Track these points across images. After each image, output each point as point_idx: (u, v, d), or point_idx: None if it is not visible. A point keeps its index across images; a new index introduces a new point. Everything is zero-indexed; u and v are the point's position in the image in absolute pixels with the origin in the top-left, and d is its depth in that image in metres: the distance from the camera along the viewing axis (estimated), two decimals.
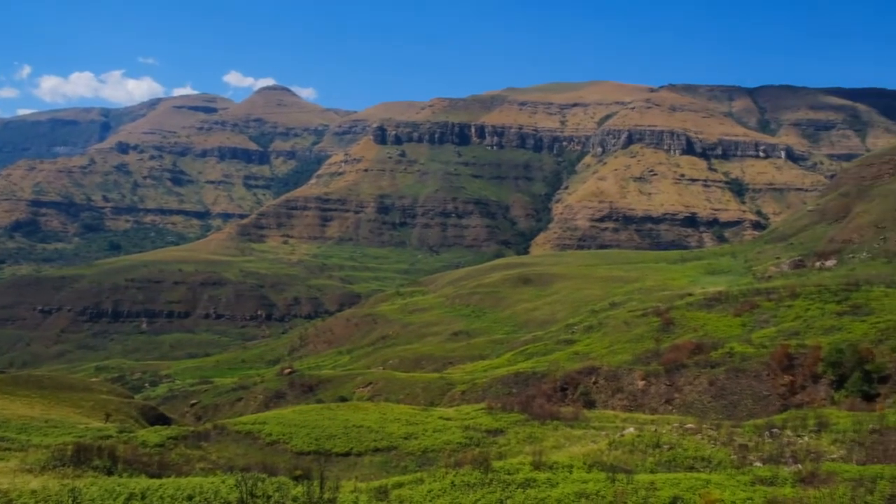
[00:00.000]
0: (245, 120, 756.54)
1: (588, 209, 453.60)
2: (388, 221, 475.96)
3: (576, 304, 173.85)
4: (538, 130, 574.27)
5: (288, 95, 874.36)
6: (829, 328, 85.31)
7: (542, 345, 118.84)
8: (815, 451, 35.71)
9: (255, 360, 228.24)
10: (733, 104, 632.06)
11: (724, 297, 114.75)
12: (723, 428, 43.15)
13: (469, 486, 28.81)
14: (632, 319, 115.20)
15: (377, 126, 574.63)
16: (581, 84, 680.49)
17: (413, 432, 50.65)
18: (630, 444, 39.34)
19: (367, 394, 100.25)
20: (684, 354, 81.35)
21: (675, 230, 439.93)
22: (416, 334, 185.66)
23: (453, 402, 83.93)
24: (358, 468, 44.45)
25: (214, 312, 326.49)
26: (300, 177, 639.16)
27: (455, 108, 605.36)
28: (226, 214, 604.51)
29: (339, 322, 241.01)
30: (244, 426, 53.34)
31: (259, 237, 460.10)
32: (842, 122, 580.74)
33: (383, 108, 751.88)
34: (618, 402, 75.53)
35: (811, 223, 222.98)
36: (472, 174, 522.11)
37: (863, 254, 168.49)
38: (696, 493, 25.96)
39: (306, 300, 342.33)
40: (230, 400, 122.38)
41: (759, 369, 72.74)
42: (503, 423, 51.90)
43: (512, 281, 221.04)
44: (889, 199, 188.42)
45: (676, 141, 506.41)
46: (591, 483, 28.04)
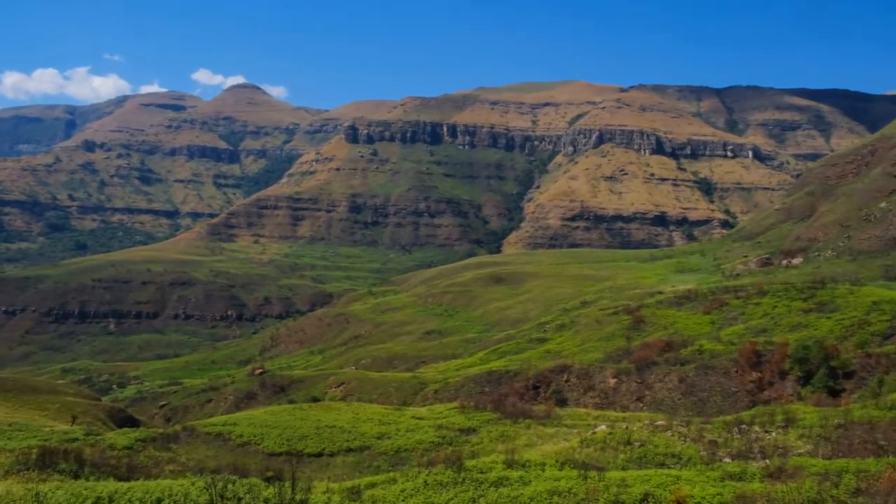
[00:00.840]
0: (215, 118, 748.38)
1: (559, 208, 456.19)
2: (360, 221, 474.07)
3: (548, 303, 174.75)
4: (510, 130, 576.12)
5: (258, 94, 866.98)
6: (795, 325, 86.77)
7: (514, 343, 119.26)
8: (782, 446, 36.27)
9: (225, 361, 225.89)
10: (702, 104, 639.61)
11: (693, 295, 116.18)
12: (693, 424, 43.65)
13: (442, 485, 28.78)
14: (603, 318, 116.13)
15: (349, 125, 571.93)
16: (552, 84, 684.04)
17: (386, 432, 50.51)
18: (602, 441, 39.63)
19: (339, 394, 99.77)
20: (655, 352, 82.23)
21: (645, 229, 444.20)
22: (388, 334, 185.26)
23: (426, 401, 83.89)
24: (330, 468, 44.21)
25: (184, 313, 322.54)
26: (271, 176, 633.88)
27: (427, 107, 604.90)
28: (195, 214, 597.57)
29: (311, 322, 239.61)
30: (214, 427, 52.78)
31: (229, 237, 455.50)
32: (807, 123, 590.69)
33: (355, 106, 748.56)
34: (589, 399, 76.08)
35: (778, 222, 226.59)
36: (444, 173, 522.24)
37: (828, 252, 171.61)
38: (667, 489, 26.22)
39: (277, 300, 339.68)
40: (200, 401, 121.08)
41: (728, 366, 73.75)
42: (476, 421, 51.98)
43: (484, 280, 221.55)
44: (853, 199, 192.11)
45: (646, 141, 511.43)
46: (564, 481, 28.18)
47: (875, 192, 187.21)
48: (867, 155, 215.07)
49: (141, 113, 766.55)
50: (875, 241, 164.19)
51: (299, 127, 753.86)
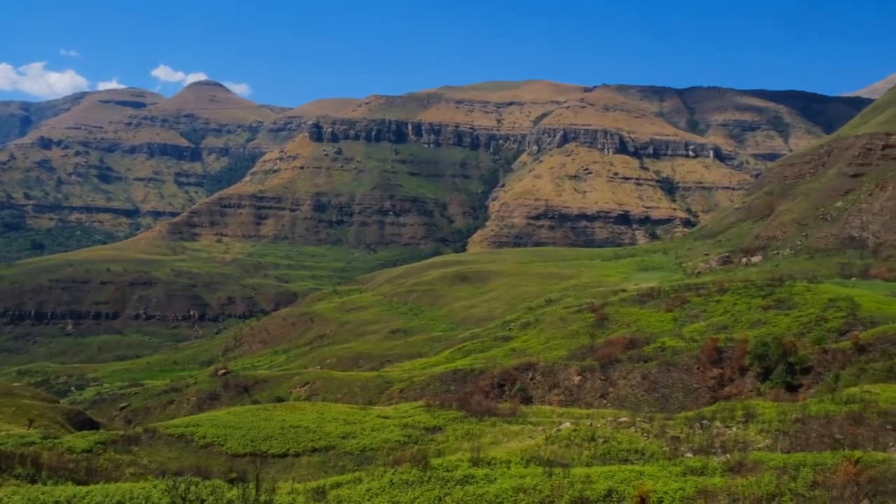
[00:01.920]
0: (176, 115, 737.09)
1: (524, 207, 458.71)
2: (324, 219, 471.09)
3: (512, 301, 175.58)
4: (475, 129, 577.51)
5: (220, 91, 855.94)
6: (755, 322, 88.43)
7: (479, 342, 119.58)
8: (742, 441, 36.91)
9: (187, 362, 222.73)
10: (664, 104, 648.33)
11: (656, 293, 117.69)
12: (655, 421, 44.22)
13: (408, 484, 28.72)
14: (567, 316, 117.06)
15: (313, 123, 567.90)
16: (517, 83, 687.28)
17: (351, 431, 50.26)
18: (566, 438, 39.92)
19: (304, 393, 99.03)
20: (618, 349, 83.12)
21: (609, 228, 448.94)
22: (353, 333, 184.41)
23: (391, 400, 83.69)
24: (295, 469, 43.85)
25: (145, 313, 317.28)
26: (234, 174, 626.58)
27: (392, 105, 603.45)
28: (156, 212, 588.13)
29: (275, 321, 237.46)
30: (177, 429, 51.99)
31: (191, 236, 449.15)
32: (766, 123, 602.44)
33: (319, 104, 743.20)
34: (554, 397, 76.59)
35: (738, 221, 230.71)
36: (409, 172, 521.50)
37: (786, 250, 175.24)
38: (630, 484, 26.48)
39: (241, 299, 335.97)
40: (162, 402, 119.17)
41: (690, 363, 74.87)
42: (441, 420, 51.99)
43: (449, 279, 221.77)
44: (810, 198, 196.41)
45: (610, 140, 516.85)
46: (529, 478, 28.31)
47: (831, 191, 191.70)
48: (824, 155, 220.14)
49: (99, 110, 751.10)
50: (831, 239, 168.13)
51: (263, 125, 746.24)
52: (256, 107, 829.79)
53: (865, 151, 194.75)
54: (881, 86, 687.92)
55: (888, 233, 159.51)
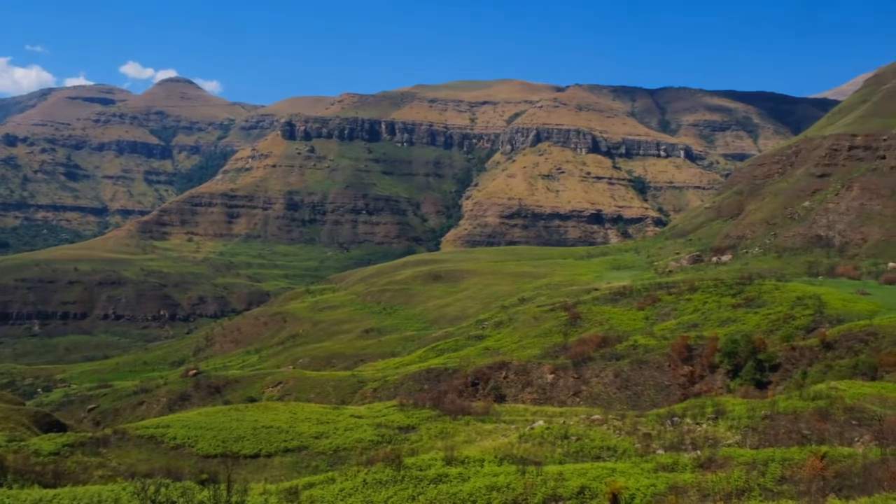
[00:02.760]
0: (145, 113, 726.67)
1: (497, 206, 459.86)
2: (297, 218, 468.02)
3: (486, 300, 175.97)
4: (448, 128, 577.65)
5: (191, 88, 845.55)
6: (724, 320, 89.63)
7: (453, 341, 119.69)
8: (712, 437, 37.37)
9: (157, 362, 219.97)
10: (635, 104, 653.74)
11: (628, 291, 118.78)
12: (627, 418, 44.60)
13: (381, 483, 28.67)
14: (540, 314, 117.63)
15: (285, 121, 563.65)
16: (490, 82, 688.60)
17: (324, 431, 50.04)
18: (539, 436, 40.11)
19: (276, 394, 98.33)
20: (591, 348, 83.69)
21: (581, 227, 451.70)
22: (326, 332, 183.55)
23: (365, 399, 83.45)
24: (268, 469, 43.54)
25: (114, 313, 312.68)
26: (205, 172, 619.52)
27: (365, 103, 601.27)
28: (125, 211, 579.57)
29: (247, 321, 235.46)
30: (146, 430, 51.37)
31: (161, 234, 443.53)
32: (735, 124, 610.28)
33: (291, 102, 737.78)
34: (528, 395, 76.89)
35: (708, 220, 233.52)
36: (382, 171, 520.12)
37: (755, 249, 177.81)
38: (603, 481, 26.68)
39: (212, 299, 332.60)
40: (131, 404, 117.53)
41: (661, 361, 75.65)
42: (415, 419, 51.96)
43: (423, 278, 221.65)
44: (778, 198, 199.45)
45: (582, 140, 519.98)
46: (502, 476, 28.39)
47: (799, 191, 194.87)
48: (792, 156, 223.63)
49: (67, 106, 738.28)
50: (799, 238, 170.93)
51: (234, 123, 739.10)
52: (228, 104, 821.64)
53: (832, 152, 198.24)
54: (847, 87, 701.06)
55: (854, 232, 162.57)
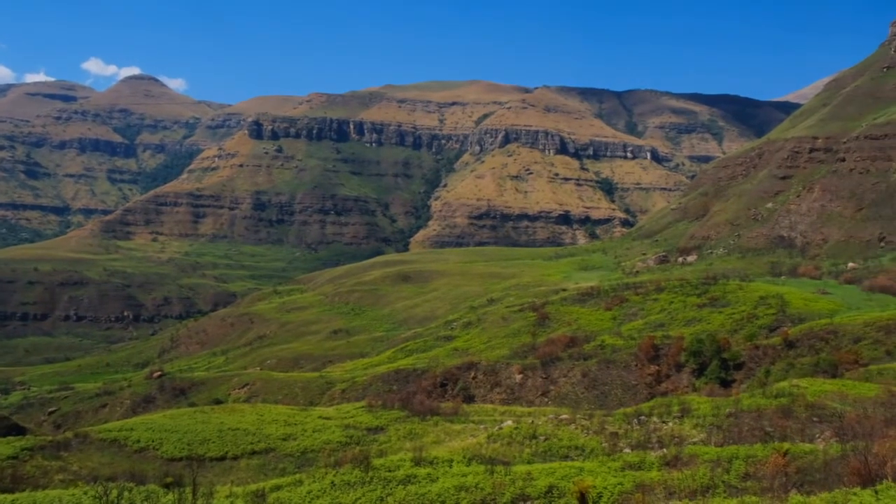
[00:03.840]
0: (109, 110, 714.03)
1: (466, 207, 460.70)
2: (264, 218, 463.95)
3: (455, 301, 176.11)
4: (417, 128, 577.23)
5: (156, 86, 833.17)
6: (690, 320, 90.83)
7: (421, 341, 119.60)
8: (678, 435, 37.80)
9: (121, 364, 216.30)
10: (603, 106, 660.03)
11: (595, 291, 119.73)
12: (595, 417, 44.93)
13: (349, 485, 28.49)
14: (509, 315, 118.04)
15: (253, 120, 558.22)
16: (459, 83, 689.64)
17: (292, 433, 49.63)
18: (508, 436, 40.21)
19: (243, 395, 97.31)
20: (559, 348, 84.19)
21: (550, 227, 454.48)
22: (294, 333, 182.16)
23: (333, 401, 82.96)
24: (234, 472, 43.03)
25: (75, 314, 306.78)
26: (170, 171, 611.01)
27: (333, 103, 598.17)
28: (88, 210, 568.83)
29: (214, 322, 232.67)
30: (109, 433, 50.44)
31: (125, 234, 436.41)
32: (701, 126, 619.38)
33: (259, 101, 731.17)
34: (496, 395, 77.11)
35: (674, 221, 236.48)
36: (350, 171, 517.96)
37: (720, 249, 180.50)
38: (571, 480, 26.80)
39: (177, 300, 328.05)
40: (94, 406, 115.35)
41: (628, 360, 76.38)
42: (384, 420, 51.78)
43: (391, 278, 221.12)
44: (742, 199, 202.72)
45: (551, 141, 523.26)
46: (471, 476, 28.39)
47: (762, 192, 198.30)
48: (755, 158, 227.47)
49: (27, 103, 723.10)
50: (762, 239, 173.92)
51: (200, 121, 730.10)
52: (194, 103, 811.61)
53: (794, 154, 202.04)
54: (808, 91, 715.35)
55: (815, 233, 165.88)
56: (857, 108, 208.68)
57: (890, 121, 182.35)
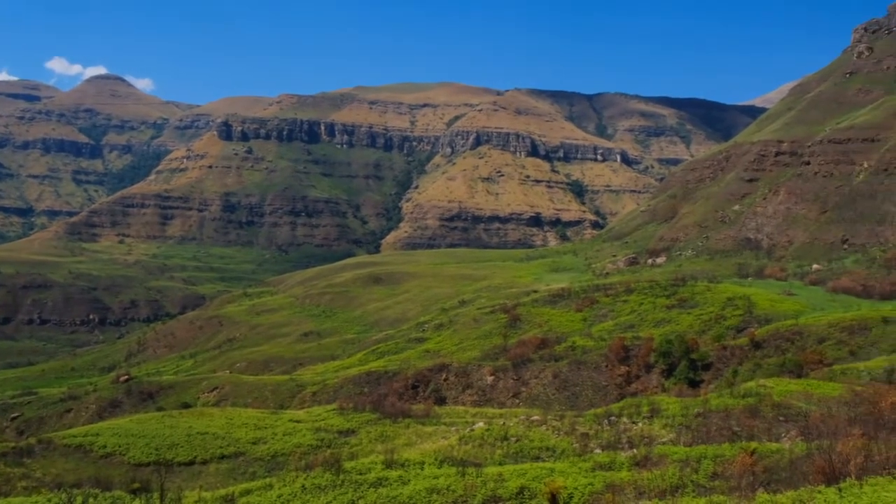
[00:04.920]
0: (74, 110, 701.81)
1: (438, 209, 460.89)
2: (233, 220, 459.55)
3: (426, 303, 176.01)
4: (388, 130, 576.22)
5: (122, 85, 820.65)
6: (659, 321, 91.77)
7: (393, 343, 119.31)
8: (648, 435, 38.12)
9: (86, 368, 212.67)
10: (573, 109, 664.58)
11: (566, 293, 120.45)
12: (566, 418, 45.15)
13: (320, 488, 28.29)
14: (481, 316, 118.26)
15: (222, 121, 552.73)
16: (430, 85, 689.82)
17: (262, 437, 49.17)
18: (480, 438, 40.23)
19: (212, 399, 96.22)
20: (530, 349, 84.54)
21: (521, 229, 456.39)
22: (264, 336, 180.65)
23: (304, 403, 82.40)
24: (203, 477, 42.52)
25: (39, 318, 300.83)
26: (137, 172, 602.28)
27: (304, 104, 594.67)
28: (52, 212, 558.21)
29: (182, 325, 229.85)
30: (74, 439, 49.54)
31: (91, 236, 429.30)
32: (669, 130, 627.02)
33: (228, 102, 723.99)
34: (468, 397, 77.18)
35: (643, 223, 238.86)
36: (321, 173, 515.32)
37: (688, 251, 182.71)
38: (542, 481, 26.88)
39: (145, 303, 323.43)
40: (58, 412, 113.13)
41: (599, 361, 76.94)
42: (355, 423, 51.54)
43: (363, 280, 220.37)
44: (710, 202, 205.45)
45: (522, 143, 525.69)
46: (442, 478, 28.35)
47: (729, 195, 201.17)
48: (722, 161, 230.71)
49: None
50: (729, 241, 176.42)
51: (168, 122, 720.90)
52: (162, 103, 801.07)
53: (760, 158, 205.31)
54: (774, 95, 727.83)
55: (780, 235, 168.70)
56: (820, 113, 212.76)
57: (853, 125, 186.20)
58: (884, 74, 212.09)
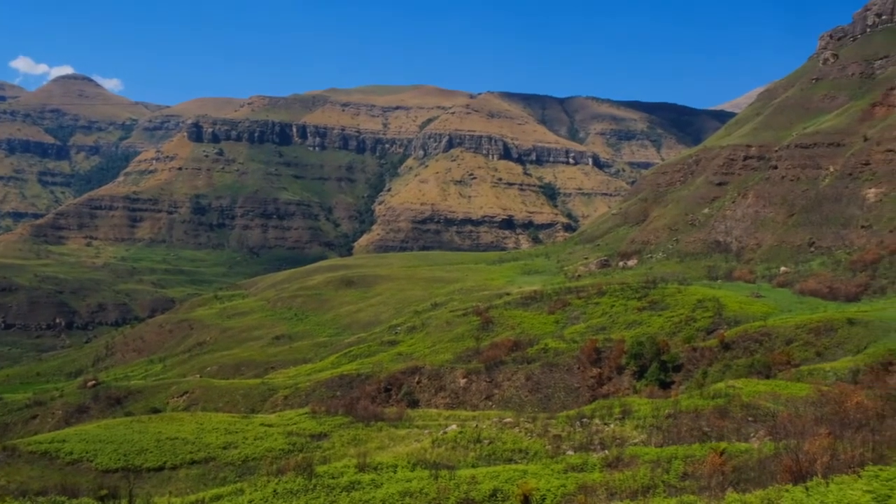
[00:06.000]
0: (40, 110, 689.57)
1: (410, 211, 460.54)
2: (204, 222, 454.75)
3: (399, 306, 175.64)
4: (361, 132, 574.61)
5: (90, 86, 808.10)
6: (631, 323, 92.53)
7: (365, 346, 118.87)
8: (619, 437, 38.39)
9: (52, 373, 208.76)
10: (546, 112, 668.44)
11: (539, 296, 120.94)
12: (538, 420, 45.29)
13: (292, 493, 28.07)
14: (453, 319, 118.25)
15: (192, 122, 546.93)
16: (403, 87, 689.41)
17: (233, 441, 48.66)
18: (452, 440, 40.21)
19: (182, 403, 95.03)
20: (503, 352, 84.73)
21: (493, 232, 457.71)
22: (235, 339, 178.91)
23: (276, 407, 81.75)
24: (172, 483, 41.97)
25: (3, 322, 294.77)
26: (105, 174, 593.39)
27: (276, 106, 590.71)
28: (17, 213, 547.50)
29: (151, 329, 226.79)
30: (40, 446, 48.62)
31: (57, 239, 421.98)
32: (640, 133, 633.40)
33: (199, 103, 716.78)
34: (441, 400, 77.15)
35: (615, 226, 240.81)
36: (293, 175, 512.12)
37: (659, 254, 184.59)
38: (515, 483, 26.95)
39: (113, 306, 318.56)
40: (23, 418, 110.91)
41: (571, 363, 77.36)
42: (327, 426, 51.22)
43: (335, 283, 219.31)
44: (680, 205, 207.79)
45: (494, 146, 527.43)
46: (415, 481, 28.29)
47: (699, 198, 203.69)
48: (692, 164, 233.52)
49: None
50: (699, 243, 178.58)
51: (137, 123, 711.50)
52: (130, 103, 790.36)
53: (729, 162, 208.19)
54: (743, 100, 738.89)
55: (749, 237, 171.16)
56: (787, 118, 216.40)
57: (818, 130, 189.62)
58: (848, 81, 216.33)
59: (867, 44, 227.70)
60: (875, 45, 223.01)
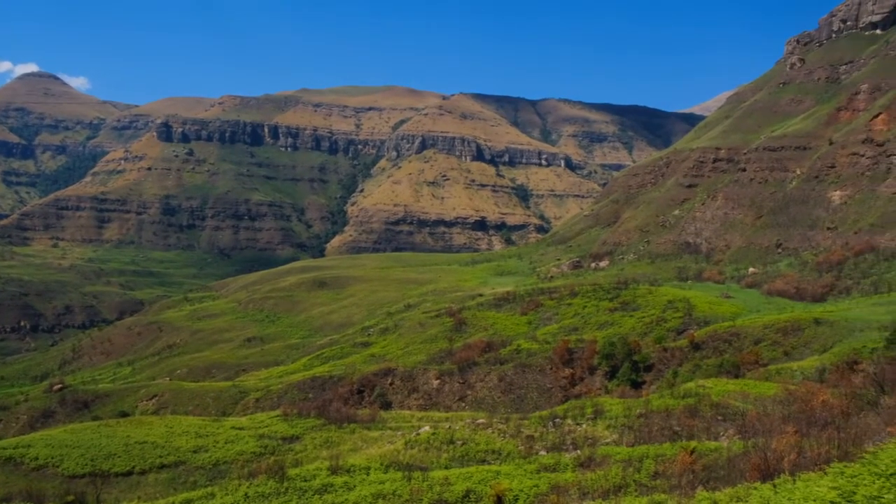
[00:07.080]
0: (4, 109, 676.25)
1: (383, 212, 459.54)
2: (174, 223, 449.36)
3: (372, 307, 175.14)
4: (333, 133, 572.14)
5: (56, 84, 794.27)
6: (603, 323, 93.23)
7: (338, 348, 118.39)
8: (592, 437, 38.64)
9: (17, 377, 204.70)
10: (518, 114, 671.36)
11: (511, 297, 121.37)
12: (511, 421, 45.42)
13: (264, 496, 27.84)
14: (426, 320, 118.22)
15: (162, 122, 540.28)
16: (376, 88, 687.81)
17: (203, 445, 48.13)
18: (426, 442, 40.17)
19: (151, 407, 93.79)
20: (476, 353, 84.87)
21: (466, 233, 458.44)
22: (206, 342, 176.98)
23: (247, 410, 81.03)
24: (141, 487, 41.38)
25: None
26: (72, 174, 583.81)
27: (247, 106, 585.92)
28: None
29: (119, 331, 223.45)
30: (4, 451, 47.66)
31: (22, 240, 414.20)
32: (612, 136, 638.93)
33: (169, 102, 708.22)
34: (414, 401, 77.03)
35: (587, 227, 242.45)
36: (265, 175, 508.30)
37: (630, 255, 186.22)
38: (488, 484, 27.00)
39: (80, 308, 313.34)
40: None
41: (544, 364, 77.71)
42: (299, 429, 50.90)
43: (307, 284, 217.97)
44: (651, 206, 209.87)
45: (467, 147, 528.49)
46: (388, 483, 28.21)
47: (670, 200, 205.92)
48: (663, 167, 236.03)
49: None
50: (670, 245, 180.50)
51: (105, 122, 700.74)
52: (98, 103, 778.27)
53: (699, 164, 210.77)
54: (712, 104, 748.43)
55: (718, 239, 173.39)
56: (756, 121, 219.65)
57: (786, 134, 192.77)
58: (815, 85, 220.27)
59: (833, 49, 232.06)
60: (840, 51, 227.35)
